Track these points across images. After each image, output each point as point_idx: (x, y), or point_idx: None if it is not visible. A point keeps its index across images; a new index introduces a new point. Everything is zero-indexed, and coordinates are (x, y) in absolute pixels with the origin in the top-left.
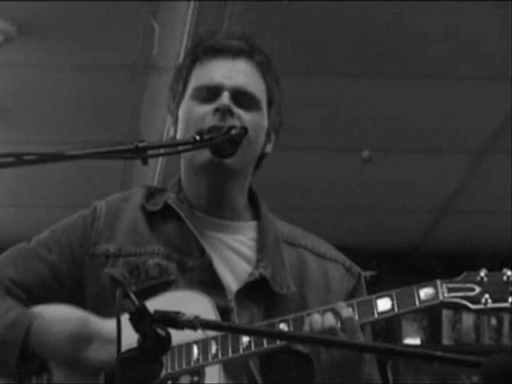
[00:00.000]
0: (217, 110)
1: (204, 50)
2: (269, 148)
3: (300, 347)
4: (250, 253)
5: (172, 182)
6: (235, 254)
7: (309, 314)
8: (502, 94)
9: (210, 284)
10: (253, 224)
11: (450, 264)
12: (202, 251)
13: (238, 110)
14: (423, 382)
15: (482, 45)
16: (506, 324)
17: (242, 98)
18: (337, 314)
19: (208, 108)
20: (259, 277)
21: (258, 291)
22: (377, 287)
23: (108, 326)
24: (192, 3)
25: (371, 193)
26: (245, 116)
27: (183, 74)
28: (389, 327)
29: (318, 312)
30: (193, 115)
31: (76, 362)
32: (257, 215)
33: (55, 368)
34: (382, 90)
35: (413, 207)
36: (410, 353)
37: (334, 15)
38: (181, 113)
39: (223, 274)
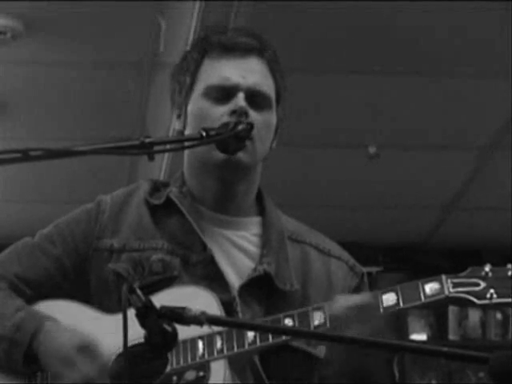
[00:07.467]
0: (233, 111)
1: (213, 45)
2: (275, 143)
3: (302, 345)
4: (254, 249)
5: (175, 176)
6: (238, 249)
7: (314, 309)
8: (509, 91)
9: (213, 279)
10: (257, 219)
11: (456, 260)
12: (204, 246)
13: (251, 111)
14: (429, 378)
15: (489, 43)
16: None
17: (255, 98)
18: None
19: (223, 109)
20: (263, 273)
21: (261, 287)
22: (382, 283)
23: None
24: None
25: (377, 189)
26: (257, 116)
27: (191, 66)
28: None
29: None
30: (208, 116)
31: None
32: (261, 210)
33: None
34: (388, 87)
35: (419, 203)
36: (417, 349)
37: (340, 13)
38: (191, 110)
39: (225, 270)
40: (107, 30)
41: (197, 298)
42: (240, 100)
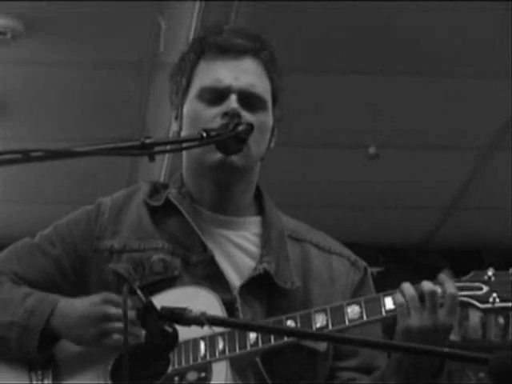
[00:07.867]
0: (225, 113)
1: (209, 46)
2: (273, 143)
3: (305, 341)
4: (254, 248)
5: (174, 177)
6: (238, 249)
7: (316, 311)
8: (509, 91)
9: (214, 279)
10: (257, 219)
11: (457, 261)
12: (204, 246)
13: (244, 113)
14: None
15: (489, 43)
16: None
17: (248, 99)
18: (441, 284)
19: (216, 111)
20: (263, 272)
21: (261, 286)
22: (383, 284)
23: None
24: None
25: (378, 189)
26: (251, 118)
27: (187, 67)
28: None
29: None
30: (201, 118)
31: (97, 340)
32: (261, 210)
33: (63, 360)
34: (388, 87)
35: (419, 204)
36: (418, 349)
37: (340, 13)
38: (186, 112)
39: (226, 269)
40: (107, 30)
41: (198, 299)
42: (232, 102)
